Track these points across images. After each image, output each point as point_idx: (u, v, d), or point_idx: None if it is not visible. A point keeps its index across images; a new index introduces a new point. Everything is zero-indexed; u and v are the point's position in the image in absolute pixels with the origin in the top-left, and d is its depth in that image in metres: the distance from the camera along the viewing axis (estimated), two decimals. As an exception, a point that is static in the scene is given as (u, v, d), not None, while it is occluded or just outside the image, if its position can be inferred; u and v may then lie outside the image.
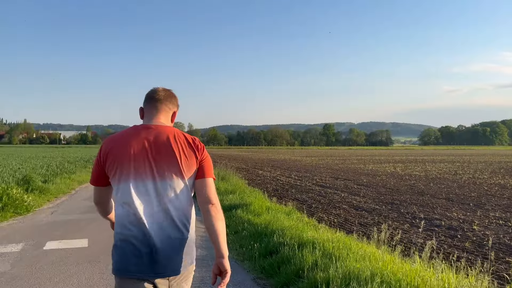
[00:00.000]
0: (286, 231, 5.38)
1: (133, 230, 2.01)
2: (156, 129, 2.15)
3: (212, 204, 2.11)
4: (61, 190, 12.59)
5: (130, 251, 2.01)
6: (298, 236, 4.99)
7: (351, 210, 10.43)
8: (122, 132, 2.21)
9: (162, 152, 2.10)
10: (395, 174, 22.43)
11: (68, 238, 6.39)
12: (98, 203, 2.30)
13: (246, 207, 8.24)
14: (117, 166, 2.07)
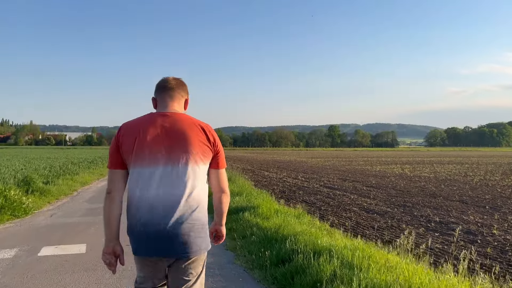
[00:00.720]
0: (299, 236, 4.96)
1: (147, 213, 2.09)
2: (172, 116, 2.20)
3: (225, 193, 2.35)
4: (63, 191, 12.24)
5: (145, 233, 2.10)
6: (312, 243, 4.58)
7: (362, 213, 10.03)
8: (139, 118, 2.24)
9: (178, 139, 2.13)
10: (403, 175, 21.97)
11: (65, 243, 6.02)
12: (112, 190, 2.21)
13: (253, 210, 7.83)
14: (133, 151, 2.12)
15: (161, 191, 2.11)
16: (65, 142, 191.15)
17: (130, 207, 2.18)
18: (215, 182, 2.33)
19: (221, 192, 2.34)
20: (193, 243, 2.14)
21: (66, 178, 14.86)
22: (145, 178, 2.12)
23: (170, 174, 2.12)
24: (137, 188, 2.13)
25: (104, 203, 2.24)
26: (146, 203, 2.11)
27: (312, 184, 16.88)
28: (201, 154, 2.18)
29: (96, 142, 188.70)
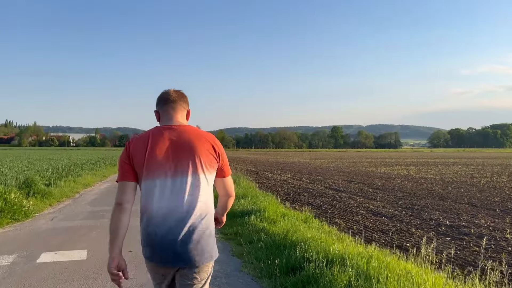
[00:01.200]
0: (309, 243, 4.72)
1: (160, 224, 2.16)
2: (178, 128, 2.29)
3: (231, 196, 2.49)
4: (65, 193, 12.04)
5: (155, 242, 2.17)
6: (323, 250, 4.34)
7: (370, 216, 9.80)
8: (147, 132, 2.32)
9: (185, 151, 2.23)
10: (409, 177, 21.70)
11: (65, 248, 5.81)
12: (119, 202, 2.23)
13: (259, 214, 7.61)
14: (144, 164, 2.20)
15: (172, 202, 2.19)
16: (68, 143, 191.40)
17: (143, 218, 2.25)
18: (222, 189, 2.46)
19: (228, 196, 2.48)
20: (203, 251, 2.22)
21: (68, 180, 14.67)
22: (156, 189, 2.20)
23: (180, 185, 2.20)
24: (149, 199, 2.21)
25: (113, 213, 2.24)
26: (158, 214, 2.19)
27: (317, 186, 16.65)
28: (208, 165, 2.27)
29: (99, 143, 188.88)
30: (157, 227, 2.18)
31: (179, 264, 2.20)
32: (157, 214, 2.18)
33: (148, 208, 2.21)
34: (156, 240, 2.18)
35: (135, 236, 6.60)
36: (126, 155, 2.27)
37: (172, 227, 2.17)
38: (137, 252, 5.55)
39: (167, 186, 2.20)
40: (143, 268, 4.80)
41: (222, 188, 2.46)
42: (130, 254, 5.44)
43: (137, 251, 5.60)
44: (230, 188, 2.47)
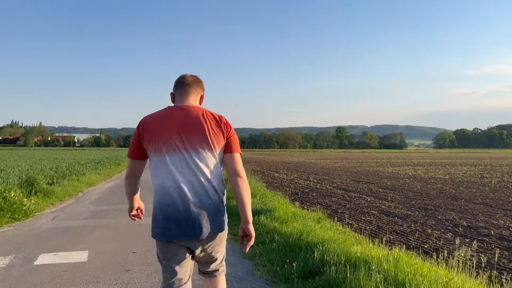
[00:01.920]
0: (327, 245, 4.36)
1: (169, 199, 2.26)
2: (187, 109, 2.39)
3: (240, 177, 2.37)
4: (68, 192, 11.73)
5: (168, 217, 2.26)
6: (344, 253, 3.98)
7: (382, 216, 9.43)
8: (158, 112, 2.42)
9: (193, 129, 2.31)
10: (418, 177, 21.29)
11: (65, 249, 5.47)
12: (129, 176, 2.51)
13: (269, 213, 7.27)
14: (154, 141, 2.30)
15: (181, 177, 2.28)
16: (73, 144, 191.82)
17: (157, 195, 2.34)
18: (230, 165, 2.41)
19: (236, 175, 2.38)
20: (213, 223, 2.30)
21: (71, 179, 14.39)
22: (166, 166, 2.30)
23: (188, 161, 2.29)
24: (159, 176, 2.31)
25: (125, 185, 2.59)
26: (168, 190, 2.28)
27: (325, 185, 16.29)
28: (215, 141, 2.34)
29: (104, 143, 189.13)
30: (169, 202, 2.28)
31: (192, 237, 2.29)
32: (168, 189, 2.28)
33: (159, 183, 2.32)
34: (169, 215, 2.27)
35: (139, 236, 6.28)
36: (136, 133, 2.40)
37: (184, 202, 2.26)
38: (141, 254, 5.24)
39: (177, 162, 2.29)
40: (146, 270, 4.49)
41: (230, 165, 2.41)
42: (134, 256, 5.14)
43: (141, 253, 5.29)
44: (238, 165, 2.41)
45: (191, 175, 2.29)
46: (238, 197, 2.36)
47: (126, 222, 7.57)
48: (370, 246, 4.57)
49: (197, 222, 2.26)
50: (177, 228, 2.26)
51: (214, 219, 2.31)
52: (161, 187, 2.30)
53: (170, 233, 2.28)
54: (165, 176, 2.29)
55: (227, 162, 2.42)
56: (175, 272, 2.36)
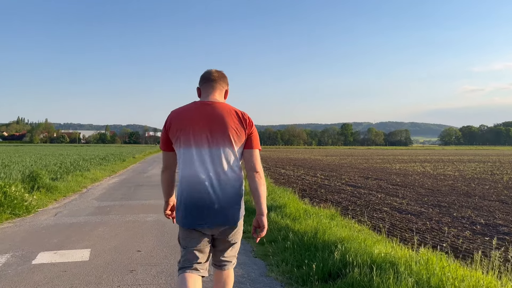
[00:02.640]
0: (346, 244, 4.03)
1: (194, 189, 2.41)
2: (212, 104, 2.51)
3: (257, 172, 2.51)
4: (71, 188, 11.46)
5: (192, 206, 2.42)
6: (366, 253, 3.64)
7: (394, 214, 9.10)
8: (185, 106, 2.57)
9: (217, 124, 2.45)
10: (427, 173, 20.90)
11: (66, 247, 5.16)
12: (165, 168, 2.65)
13: (280, 210, 6.96)
14: (180, 135, 2.46)
15: (205, 170, 2.42)
16: (79, 140, 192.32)
17: (180, 184, 2.51)
18: (248, 160, 2.54)
19: (253, 170, 2.51)
20: (233, 214, 2.44)
21: (76, 174, 14.14)
22: (191, 158, 2.44)
23: (212, 154, 2.44)
24: (184, 167, 2.46)
25: (161, 177, 2.69)
26: (193, 181, 2.42)
27: (333, 182, 15.96)
28: (236, 137, 2.47)
29: (110, 140, 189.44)
30: (194, 192, 2.42)
31: (214, 225, 2.43)
32: (193, 180, 2.42)
33: (184, 174, 2.47)
34: (193, 204, 2.42)
35: (144, 234, 5.99)
36: (165, 127, 2.54)
37: (207, 192, 2.41)
38: (147, 253, 4.95)
39: (202, 155, 2.43)
40: (152, 271, 4.19)
41: (249, 160, 2.54)
42: (138, 255, 4.84)
43: (146, 252, 5.00)
44: (256, 161, 2.53)
45: (214, 167, 2.43)
46: (254, 191, 2.51)
47: (130, 219, 7.29)
48: (392, 245, 4.23)
49: (219, 212, 2.41)
50: (201, 217, 2.42)
51: (234, 210, 2.46)
52: (187, 178, 2.45)
53: (194, 221, 2.44)
54: (190, 167, 2.44)
55: (246, 157, 2.55)
56: (196, 257, 2.53)
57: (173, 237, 5.80)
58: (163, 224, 6.85)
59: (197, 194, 2.41)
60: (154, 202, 9.54)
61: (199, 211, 2.41)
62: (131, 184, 13.78)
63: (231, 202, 2.44)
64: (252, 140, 2.54)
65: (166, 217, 2.77)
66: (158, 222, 6.97)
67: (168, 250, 5.04)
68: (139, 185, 13.43)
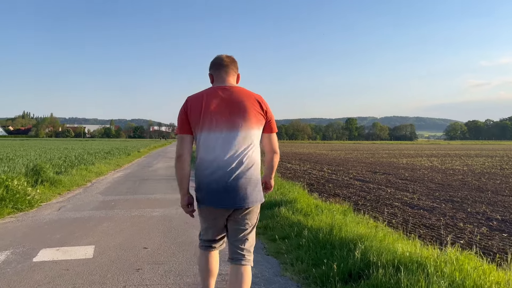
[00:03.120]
0: (366, 242, 3.78)
1: (214, 172, 2.48)
2: (230, 89, 2.60)
3: (276, 153, 2.77)
4: (76, 182, 11.26)
5: (212, 188, 2.49)
6: (388, 251, 3.41)
7: (406, 209, 8.84)
8: (202, 91, 2.64)
9: (237, 108, 2.53)
10: (435, 168, 20.59)
11: (69, 244, 4.94)
12: (179, 155, 2.60)
13: (290, 205, 6.70)
14: (200, 119, 2.52)
15: (224, 153, 2.46)
16: (84, 134, 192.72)
17: (199, 166, 2.55)
18: (268, 144, 2.71)
19: (273, 152, 2.72)
20: (250, 195, 2.50)
21: (80, 168, 13.94)
22: (211, 141, 2.49)
23: (232, 138, 2.48)
24: (204, 150, 2.51)
25: (176, 165, 2.63)
26: (212, 163, 2.47)
27: (341, 176, 15.69)
28: (256, 121, 2.54)
29: (114, 134, 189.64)
30: (213, 174, 2.47)
31: (232, 205, 2.50)
32: (213, 163, 2.47)
33: (205, 157, 2.50)
34: (212, 185, 2.48)
35: (150, 229, 5.76)
36: (184, 111, 2.58)
37: (226, 174, 2.45)
38: (154, 250, 4.72)
39: (222, 138, 2.48)
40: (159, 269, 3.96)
41: (268, 143, 2.71)
42: (145, 252, 4.61)
43: (153, 249, 4.77)
44: (275, 144, 2.73)
45: (234, 150, 2.49)
46: (269, 164, 2.77)
47: (136, 214, 7.06)
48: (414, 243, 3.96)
49: (238, 193, 2.48)
50: (220, 198, 2.48)
51: (253, 191, 2.53)
52: (207, 161, 2.50)
53: (213, 202, 2.51)
54: (211, 151, 2.49)
55: (265, 140, 2.70)
56: (215, 234, 2.71)
57: (180, 233, 5.58)
58: (170, 219, 6.63)
59: (217, 176, 2.47)
60: (160, 196, 9.31)
61: (219, 192, 2.48)
62: (136, 178, 13.58)
63: (250, 184, 2.51)
64: (271, 124, 2.68)
65: (185, 212, 2.74)
66: (164, 217, 6.75)
67: (176, 247, 4.81)
68: (145, 179, 13.23)
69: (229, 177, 2.44)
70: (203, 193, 2.53)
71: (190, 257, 4.37)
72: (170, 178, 13.53)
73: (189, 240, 5.22)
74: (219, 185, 2.45)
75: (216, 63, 2.68)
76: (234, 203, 2.49)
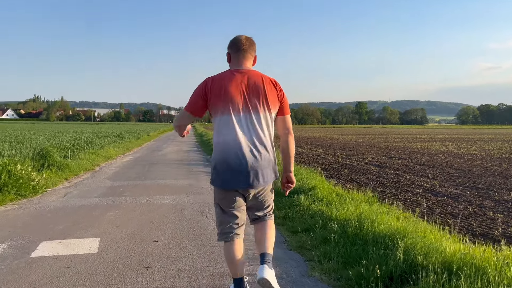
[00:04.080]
0: (407, 239, 3.28)
1: (232, 153, 2.58)
2: (247, 73, 2.70)
3: (290, 134, 2.83)
4: (83, 166, 10.88)
5: (230, 169, 2.59)
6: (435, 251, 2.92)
7: (429, 196, 8.35)
8: (220, 74, 2.71)
9: (254, 92, 2.66)
10: (451, 153, 19.98)
11: (73, 235, 4.53)
12: (178, 125, 2.87)
13: (309, 193, 6.26)
14: (219, 101, 2.62)
15: (242, 134, 2.61)
16: (94, 118, 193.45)
17: (218, 147, 2.67)
18: (282, 125, 2.82)
19: (287, 132, 2.81)
20: (265, 175, 2.65)
21: (89, 152, 13.59)
22: (229, 124, 2.62)
23: (249, 120, 2.64)
24: (223, 132, 2.64)
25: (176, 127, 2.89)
26: (231, 145, 2.60)
27: (355, 161, 15.18)
28: (272, 104, 2.70)
29: (124, 118, 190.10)
30: (232, 156, 2.58)
31: (250, 186, 2.61)
32: (231, 144, 2.58)
33: (223, 139, 2.62)
34: (231, 167, 2.58)
35: (161, 219, 5.35)
36: (203, 91, 2.67)
37: (244, 156, 2.57)
38: (165, 243, 4.31)
39: (240, 121, 2.61)
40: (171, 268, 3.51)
41: (282, 125, 2.80)
42: (155, 246, 4.19)
43: (164, 242, 4.36)
44: (289, 125, 2.82)
45: (251, 132, 2.61)
46: (285, 150, 2.82)
47: (145, 201, 6.66)
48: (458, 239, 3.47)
49: (255, 173, 2.59)
50: (237, 178, 2.58)
51: (269, 170, 2.67)
52: (225, 142, 2.59)
53: (231, 183, 2.60)
54: (229, 132, 2.59)
55: (279, 122, 2.80)
56: (236, 216, 2.73)
57: (193, 224, 5.15)
58: (181, 207, 6.20)
59: (234, 157, 2.57)
60: (170, 182, 8.90)
61: (236, 173, 2.57)
62: (145, 162, 13.21)
63: (265, 165, 2.63)
64: (284, 107, 2.79)
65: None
66: (176, 205, 6.33)
67: (189, 241, 4.37)
68: (154, 164, 12.85)
69: (247, 158, 2.56)
70: (221, 175, 2.62)
71: (205, 253, 3.92)
72: (181, 163, 13.14)
73: (203, 232, 4.79)
74: (235, 166, 2.57)
75: (235, 45, 2.76)
76: (252, 184, 2.60)
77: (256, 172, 2.58)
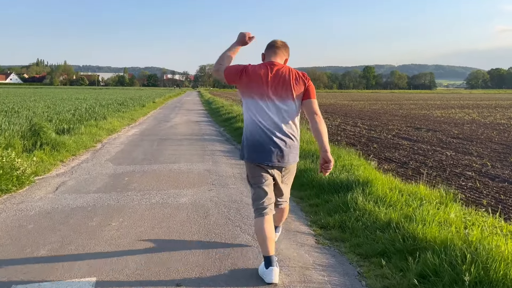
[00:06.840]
0: None
1: (260, 133, 3.02)
2: (277, 65, 3.11)
3: (317, 115, 3.10)
4: (83, 143, 9.49)
5: (257, 146, 3.04)
6: None
7: (486, 181, 7.06)
8: (258, 64, 3.15)
9: (281, 81, 3.04)
10: (478, 122, 18.56)
11: (56, 272, 3.13)
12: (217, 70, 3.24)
13: (362, 189, 4.88)
14: (250, 86, 3.06)
15: (271, 119, 3.03)
16: (98, 83, 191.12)
17: (249, 128, 3.10)
18: (309, 108, 3.10)
19: (314, 114, 3.08)
20: (289, 156, 3.08)
21: (90, 125, 12.25)
22: (261, 109, 3.03)
23: (276, 106, 3.03)
24: (255, 116, 3.05)
25: (224, 61, 3.25)
26: (260, 128, 3.03)
27: (382, 134, 13.79)
28: (296, 93, 3.05)
29: (128, 83, 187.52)
30: (260, 135, 3.02)
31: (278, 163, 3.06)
32: (259, 125, 3.03)
33: (252, 120, 3.07)
34: (258, 145, 3.03)
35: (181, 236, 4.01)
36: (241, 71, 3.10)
37: (270, 136, 3.01)
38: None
39: (267, 106, 3.03)
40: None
41: (309, 108, 3.10)
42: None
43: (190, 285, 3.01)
44: (316, 108, 3.10)
45: (277, 116, 3.03)
46: (316, 131, 3.07)
47: (157, 200, 5.25)
48: None
49: (280, 152, 3.03)
50: (264, 156, 3.03)
51: (292, 152, 3.10)
52: (254, 123, 3.05)
53: (258, 158, 3.04)
54: (258, 115, 3.04)
55: (307, 105, 3.11)
56: (266, 192, 3.10)
57: (226, 243, 3.83)
58: (205, 212, 4.78)
59: (262, 137, 3.01)
60: (184, 166, 7.50)
61: (263, 151, 3.01)
62: (153, 137, 11.84)
63: (290, 145, 3.06)
64: (310, 92, 3.11)
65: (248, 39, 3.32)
66: (196, 208, 4.94)
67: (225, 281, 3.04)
68: (163, 139, 11.47)
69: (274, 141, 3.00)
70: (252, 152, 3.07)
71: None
72: (193, 138, 11.75)
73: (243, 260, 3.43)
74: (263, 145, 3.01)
75: (270, 45, 3.22)
76: (278, 162, 3.05)
77: (281, 152, 3.02)
